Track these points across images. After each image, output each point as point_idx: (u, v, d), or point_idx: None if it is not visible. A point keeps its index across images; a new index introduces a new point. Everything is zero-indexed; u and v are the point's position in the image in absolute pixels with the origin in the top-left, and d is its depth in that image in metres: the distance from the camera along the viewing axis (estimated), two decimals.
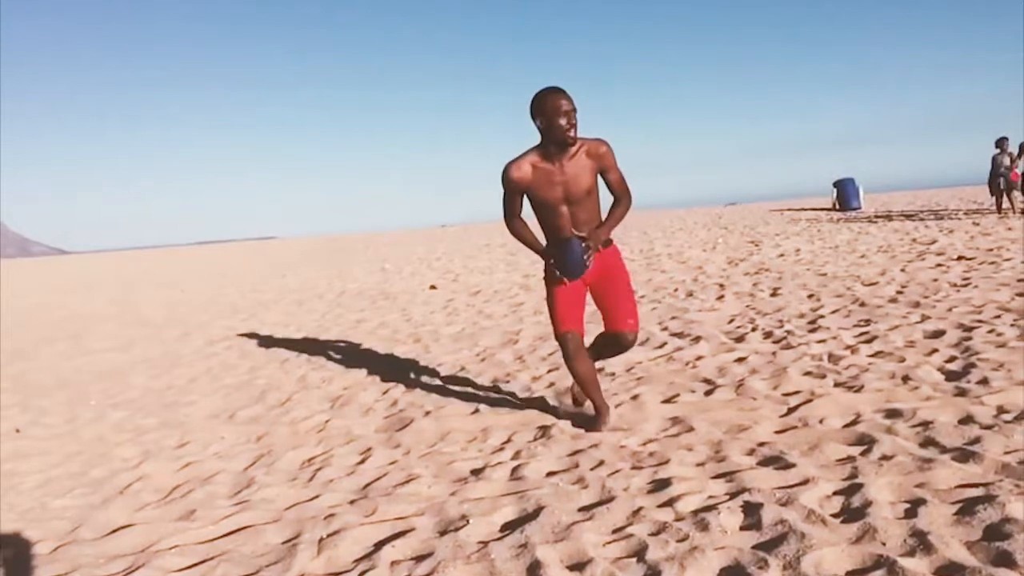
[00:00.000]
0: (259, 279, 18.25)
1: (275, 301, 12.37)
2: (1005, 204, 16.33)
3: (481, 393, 4.97)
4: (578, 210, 3.74)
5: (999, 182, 16.14)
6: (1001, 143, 16.09)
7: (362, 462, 3.87)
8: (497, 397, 4.81)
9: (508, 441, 3.93)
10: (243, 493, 3.56)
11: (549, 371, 5.39)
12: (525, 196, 3.80)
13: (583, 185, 3.68)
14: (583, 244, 3.66)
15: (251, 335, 8.64)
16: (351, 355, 6.81)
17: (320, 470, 3.80)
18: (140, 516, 3.37)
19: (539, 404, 4.54)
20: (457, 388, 5.17)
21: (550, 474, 3.39)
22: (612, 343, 3.97)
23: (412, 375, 5.73)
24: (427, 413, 4.58)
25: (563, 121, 3.54)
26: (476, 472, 3.51)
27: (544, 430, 4.00)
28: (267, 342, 8.01)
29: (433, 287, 12.04)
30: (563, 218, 3.75)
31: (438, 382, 5.41)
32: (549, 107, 3.55)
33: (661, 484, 3.10)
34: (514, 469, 3.48)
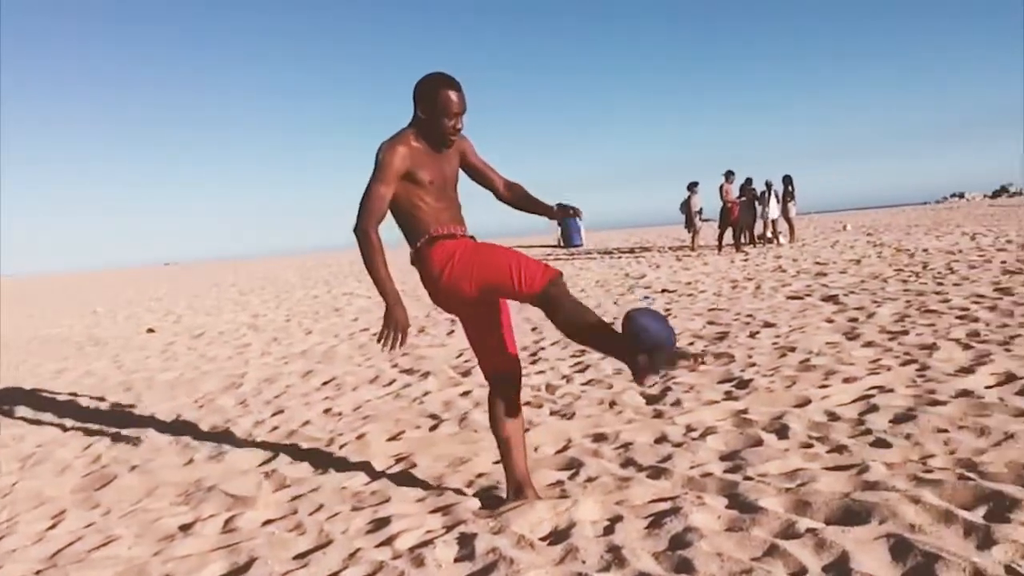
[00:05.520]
0: None
1: None
2: (702, 242, 18.43)
3: (196, 443, 4.65)
4: (450, 203, 3.25)
5: (695, 222, 18.27)
6: (692, 187, 18.21)
7: (53, 527, 3.47)
8: (214, 446, 4.53)
9: (221, 490, 3.71)
10: None
11: (273, 414, 5.20)
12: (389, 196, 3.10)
13: (455, 169, 3.30)
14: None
15: None
16: (49, 409, 6.11)
17: (1, 539, 3.35)
18: None
19: (262, 447, 4.35)
20: (170, 438, 4.80)
21: (267, 523, 3.25)
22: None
23: (120, 427, 5.24)
24: (133, 468, 4.21)
25: (451, 123, 3.06)
26: (184, 528, 3.27)
27: (268, 475, 3.83)
28: None
29: (151, 330, 11.20)
30: (437, 208, 3.18)
31: (149, 434, 4.98)
32: (440, 103, 3.03)
33: (381, 523, 3.08)
34: (227, 521, 3.30)
